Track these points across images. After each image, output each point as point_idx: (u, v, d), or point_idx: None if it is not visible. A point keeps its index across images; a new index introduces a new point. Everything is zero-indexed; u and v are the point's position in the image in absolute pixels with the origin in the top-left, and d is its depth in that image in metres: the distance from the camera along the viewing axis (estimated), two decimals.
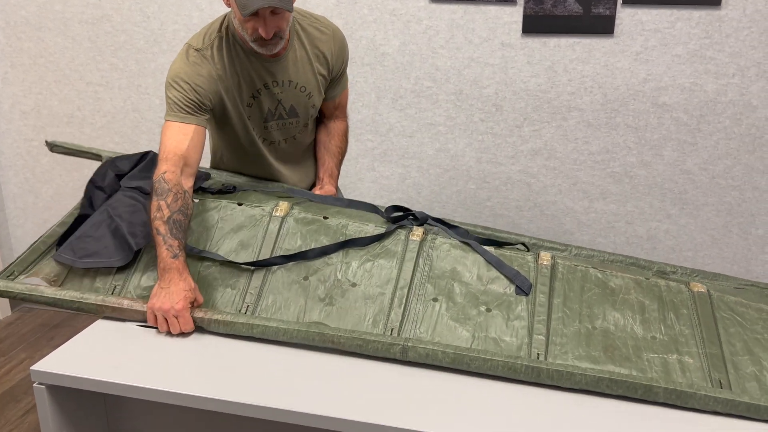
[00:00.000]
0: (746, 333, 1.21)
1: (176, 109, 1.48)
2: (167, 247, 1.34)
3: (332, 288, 1.36)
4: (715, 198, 2.34)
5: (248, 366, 1.23)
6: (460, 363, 1.18)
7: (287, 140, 1.72)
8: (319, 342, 1.25)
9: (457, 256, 1.38)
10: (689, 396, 1.08)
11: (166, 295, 1.30)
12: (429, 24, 2.32)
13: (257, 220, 1.51)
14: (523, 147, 2.41)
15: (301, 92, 1.65)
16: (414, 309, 1.31)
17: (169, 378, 1.18)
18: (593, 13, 2.20)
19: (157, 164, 1.44)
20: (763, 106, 2.20)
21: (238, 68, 1.55)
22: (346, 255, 1.40)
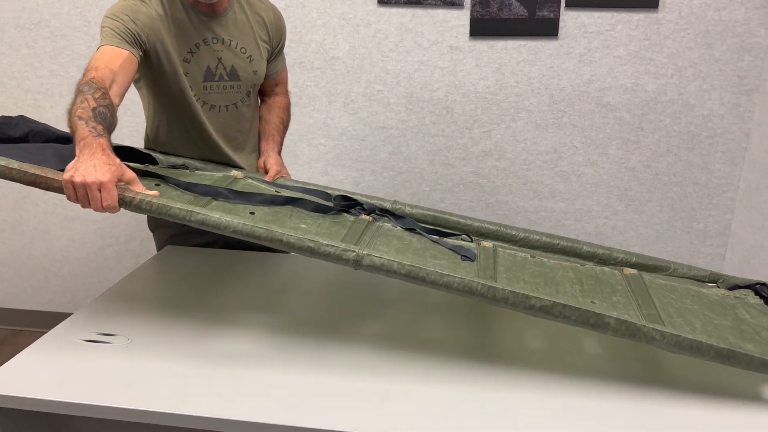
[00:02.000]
0: (678, 303, 1.27)
1: (111, 35, 1.41)
2: (90, 128, 1.21)
3: (279, 221, 1.32)
4: (659, 194, 2.42)
5: (196, 377, 1.20)
6: (416, 276, 1.15)
7: (229, 108, 1.68)
8: (266, 239, 1.18)
9: (403, 236, 1.40)
10: (638, 329, 1.11)
11: (88, 167, 1.15)
12: (378, 27, 2.33)
13: (215, 179, 1.49)
14: (474, 148, 2.44)
15: (242, 53, 1.63)
16: (366, 243, 1.31)
17: (118, 394, 1.14)
18: (538, 16, 2.25)
19: (83, 75, 1.35)
20: (700, 104, 2.29)
21: (177, 19, 1.53)
22: (295, 210, 1.39)
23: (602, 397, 1.16)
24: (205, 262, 1.71)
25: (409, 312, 1.46)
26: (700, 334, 1.15)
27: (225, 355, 1.28)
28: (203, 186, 1.39)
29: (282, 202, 1.40)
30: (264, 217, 1.31)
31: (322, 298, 1.53)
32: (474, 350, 1.31)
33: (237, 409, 1.11)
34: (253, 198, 1.38)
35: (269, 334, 1.36)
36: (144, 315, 1.43)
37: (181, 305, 1.48)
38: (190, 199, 1.33)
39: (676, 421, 1.09)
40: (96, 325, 1.38)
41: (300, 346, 1.32)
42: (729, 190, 2.38)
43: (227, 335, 1.35)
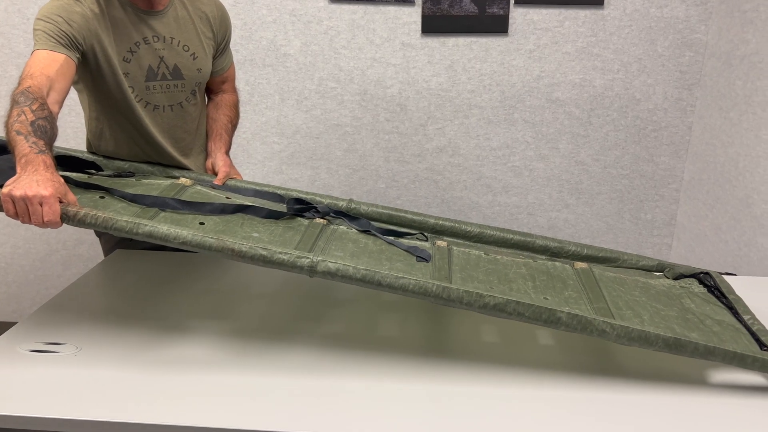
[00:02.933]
0: (627, 295, 1.32)
1: (45, 38, 1.36)
2: (30, 144, 1.18)
3: (230, 231, 1.29)
4: (608, 186, 2.49)
5: (149, 385, 1.17)
6: (371, 281, 1.15)
7: (173, 107, 1.63)
8: (217, 249, 1.16)
9: (358, 238, 1.40)
10: (589, 322, 1.14)
11: (30, 182, 1.12)
12: (330, 24, 2.32)
13: (162, 188, 1.45)
14: (428, 145, 2.46)
15: (184, 51, 1.59)
16: (320, 249, 1.29)
17: (67, 405, 1.11)
18: (488, 13, 2.27)
19: (19, 83, 1.30)
20: (646, 99, 2.36)
21: (115, 18, 1.48)
22: (246, 218, 1.36)
23: (556, 386, 1.18)
24: (155, 265, 1.67)
25: (364, 311, 1.46)
26: (648, 325, 1.18)
27: (178, 362, 1.25)
28: (150, 197, 1.35)
29: (232, 211, 1.37)
30: (214, 227, 1.28)
31: (275, 301, 1.51)
32: (430, 346, 1.32)
33: (190, 416, 1.09)
34: (202, 207, 1.35)
35: (222, 339, 1.34)
36: (93, 323, 1.38)
37: (131, 311, 1.44)
38: (136, 212, 1.29)
39: (626, 407, 1.12)
40: (42, 334, 1.33)
41: (254, 349, 1.30)
42: (674, 181, 2.46)
43: (180, 341, 1.32)
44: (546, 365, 1.26)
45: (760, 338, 1.23)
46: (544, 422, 1.08)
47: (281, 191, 1.60)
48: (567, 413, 1.11)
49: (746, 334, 1.24)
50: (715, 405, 1.13)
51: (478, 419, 1.09)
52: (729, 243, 2.09)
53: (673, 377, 1.22)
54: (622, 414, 1.10)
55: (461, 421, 1.09)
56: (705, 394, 1.17)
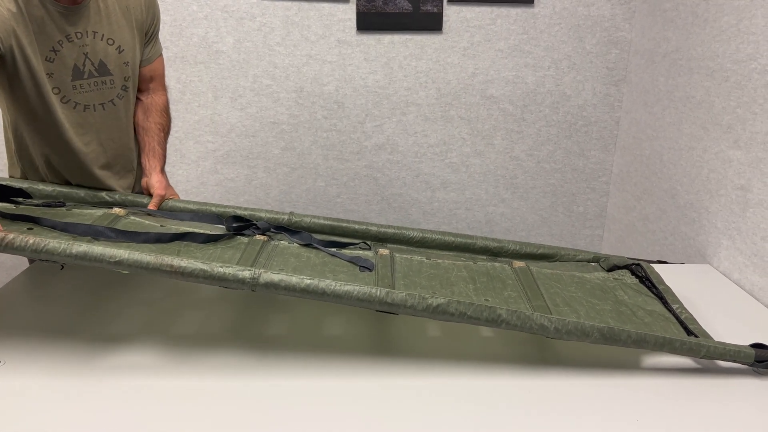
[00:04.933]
0: (564, 292, 1.36)
1: None
2: None
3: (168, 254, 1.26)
4: (542, 181, 2.56)
5: (78, 396, 1.12)
6: (315, 291, 1.15)
7: (105, 105, 1.55)
8: (154, 266, 1.13)
9: (300, 252, 1.38)
10: (528, 317, 1.17)
11: None
12: (263, 21, 2.27)
13: (95, 218, 1.39)
14: (367, 143, 2.46)
15: (109, 45, 1.51)
16: (262, 264, 1.28)
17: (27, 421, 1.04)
18: (422, 11, 2.29)
19: None
20: (576, 95, 2.44)
21: (35, 16, 1.39)
22: (183, 245, 1.33)
23: (497, 376, 1.21)
24: (86, 273, 1.60)
25: (306, 314, 1.45)
26: (584, 319, 1.22)
27: (115, 369, 1.20)
28: (82, 225, 1.28)
29: (169, 239, 1.31)
30: (150, 251, 1.24)
31: (213, 309, 1.47)
32: (375, 344, 1.32)
33: (129, 425, 1.04)
34: (137, 237, 1.29)
35: (164, 345, 1.29)
36: (18, 334, 1.31)
37: (58, 321, 1.37)
38: (68, 239, 1.23)
39: (565, 393, 1.15)
40: None
41: (199, 354, 1.26)
42: (604, 174, 2.56)
43: (115, 349, 1.27)
44: (489, 358, 1.28)
45: (688, 326, 1.29)
46: (487, 410, 1.10)
47: (219, 210, 1.55)
48: (512, 402, 1.13)
49: (675, 323, 1.31)
50: (650, 386, 1.18)
51: (425, 411, 1.10)
52: (656, 233, 2.19)
53: (609, 364, 1.26)
54: (563, 400, 1.14)
55: (410, 414, 1.09)
56: (639, 377, 1.22)
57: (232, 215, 1.51)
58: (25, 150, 1.57)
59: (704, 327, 1.38)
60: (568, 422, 1.08)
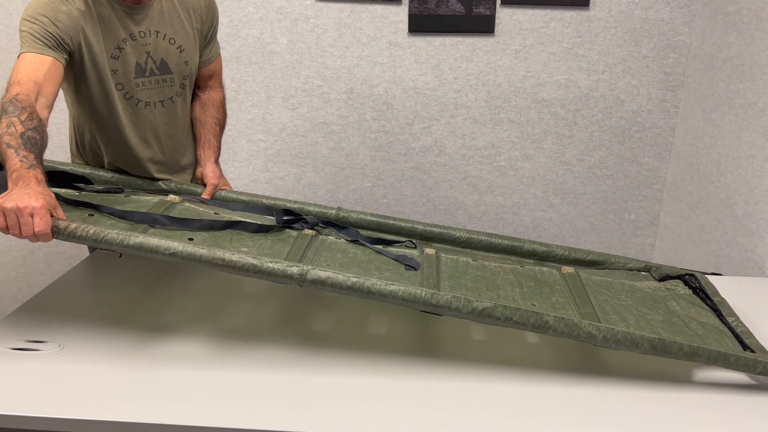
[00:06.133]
0: (613, 300, 1.33)
1: (32, 41, 1.34)
2: (21, 159, 1.18)
3: (219, 245, 1.29)
4: (592, 187, 2.51)
5: (133, 382, 1.16)
6: (361, 288, 1.16)
7: (164, 103, 1.61)
8: (207, 259, 1.16)
9: (347, 248, 1.40)
10: (575, 325, 1.15)
11: (21, 195, 1.12)
12: (316, 23, 2.31)
13: (151, 205, 1.44)
14: (414, 144, 2.46)
15: (170, 44, 1.56)
16: (310, 260, 1.29)
17: (49, 403, 1.09)
18: (474, 13, 2.28)
19: (7, 90, 1.29)
20: (630, 100, 2.39)
21: (102, 15, 1.45)
22: (235, 234, 1.36)
23: (542, 384, 1.19)
24: (141, 264, 1.65)
25: (352, 312, 1.46)
26: (634, 329, 1.19)
27: (162, 359, 1.24)
28: (139, 214, 1.33)
29: (221, 227, 1.36)
30: (203, 242, 1.28)
31: (263, 302, 1.50)
32: (419, 345, 1.33)
33: (179, 415, 1.08)
34: (191, 224, 1.34)
35: (213, 337, 1.33)
36: (77, 320, 1.37)
37: (114, 310, 1.42)
38: (126, 228, 1.28)
39: (612, 404, 1.13)
40: (24, 332, 1.31)
41: (241, 347, 1.29)
42: (657, 182, 2.49)
43: (164, 339, 1.31)
44: (533, 364, 1.26)
45: (744, 340, 1.25)
46: (532, 418, 1.09)
47: (269, 202, 1.59)
48: (554, 410, 1.11)
49: (730, 336, 1.26)
50: (701, 402, 1.15)
51: (466, 415, 1.09)
52: (711, 243, 2.12)
53: (659, 376, 1.23)
54: (608, 411, 1.11)
55: (450, 418, 1.09)
56: (690, 391, 1.18)
57: (282, 208, 1.54)
58: (86, 145, 1.64)
59: (762, 342, 1.33)
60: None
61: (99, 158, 1.65)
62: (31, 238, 1.14)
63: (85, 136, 1.62)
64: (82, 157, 1.67)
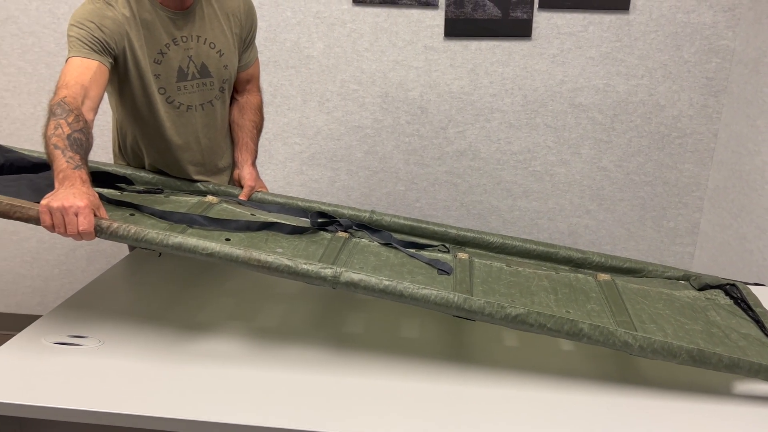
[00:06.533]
0: (650, 308, 1.30)
1: (79, 45, 1.40)
2: (67, 159, 1.23)
3: (254, 246, 1.32)
4: (630, 193, 2.46)
5: (170, 378, 1.19)
6: (393, 292, 1.16)
7: (204, 106, 1.65)
8: (243, 260, 1.19)
9: (380, 251, 1.41)
10: (611, 333, 1.13)
11: (67, 195, 1.16)
12: (353, 27, 2.32)
13: (190, 205, 1.48)
14: (448, 148, 2.46)
15: (211, 48, 1.60)
16: (343, 262, 1.31)
17: (89, 397, 1.12)
18: (511, 17, 2.27)
19: (55, 92, 1.35)
20: (670, 105, 2.34)
21: (146, 20, 1.50)
22: (270, 234, 1.39)
23: (576, 391, 1.17)
24: (179, 263, 1.69)
25: (384, 315, 1.47)
26: (671, 339, 1.17)
27: (198, 357, 1.26)
28: (178, 214, 1.38)
29: (257, 228, 1.39)
30: (239, 242, 1.31)
31: (296, 302, 1.52)
32: (451, 349, 1.32)
33: (213, 412, 1.10)
34: (228, 224, 1.37)
35: (247, 336, 1.35)
36: (116, 317, 1.41)
37: (153, 307, 1.46)
38: (165, 227, 1.32)
39: (648, 414, 1.11)
40: (66, 327, 1.35)
41: (279, 347, 1.31)
42: (698, 189, 2.43)
43: (203, 337, 1.34)
44: (567, 372, 1.25)
45: None
46: (564, 426, 1.07)
47: (304, 204, 1.61)
48: (588, 419, 1.10)
49: None
50: (740, 415, 1.12)
51: (497, 422, 1.09)
52: (754, 253, 2.06)
53: (697, 388, 1.20)
54: (645, 422, 1.09)
55: (481, 423, 1.08)
56: (730, 404, 1.15)
57: (317, 210, 1.56)
58: (128, 146, 1.68)
59: None
60: None
61: (140, 159, 1.69)
62: (75, 237, 1.18)
63: (128, 138, 1.66)
64: (124, 158, 1.72)
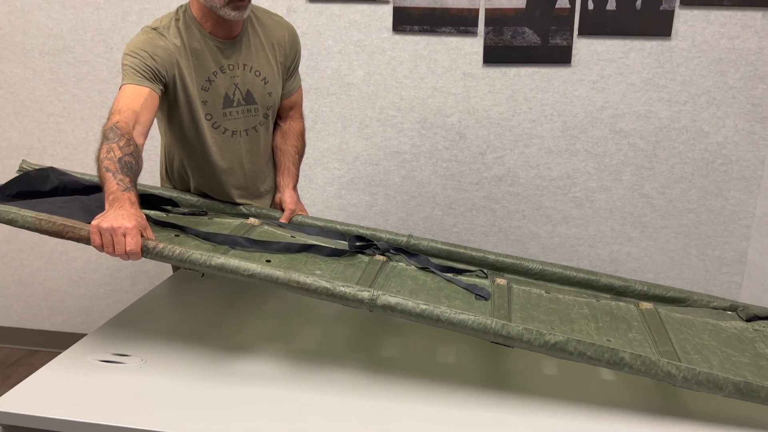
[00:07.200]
0: (695, 339, 1.26)
1: (132, 73, 1.48)
2: (117, 182, 1.29)
3: (294, 268, 1.34)
4: (673, 221, 2.41)
5: (211, 397, 1.21)
6: (430, 316, 1.16)
7: (248, 132, 1.70)
8: (283, 281, 1.21)
9: (417, 275, 1.41)
10: (653, 364, 1.10)
11: (116, 216, 1.21)
12: (393, 55, 2.36)
13: (232, 227, 1.52)
14: (486, 174, 2.45)
15: (256, 76, 1.65)
16: (380, 285, 1.32)
17: (132, 414, 1.15)
18: (551, 44, 2.27)
19: (108, 118, 1.42)
20: (714, 131, 2.29)
21: (195, 49, 1.56)
22: (310, 257, 1.41)
23: (617, 423, 1.15)
24: (220, 284, 1.73)
25: (421, 339, 1.46)
26: (717, 371, 1.13)
27: (239, 376, 1.28)
28: (221, 236, 1.42)
29: (297, 250, 1.43)
30: (280, 264, 1.34)
31: (335, 324, 1.53)
32: (488, 376, 1.31)
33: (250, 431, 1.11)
34: (269, 246, 1.41)
35: (285, 358, 1.36)
36: (158, 336, 1.44)
37: (196, 326, 1.49)
38: (208, 248, 1.36)
39: None
40: (110, 345, 1.39)
41: (316, 369, 1.32)
42: (745, 217, 2.36)
43: (242, 357, 1.36)
44: (608, 402, 1.22)
45: None
46: None
47: (343, 227, 1.64)
48: None
49: None
50: None
51: None
52: None
53: (744, 422, 1.16)
54: None
55: None
56: None
57: (355, 234, 1.58)
58: (175, 170, 1.74)
59: None
60: None
61: (186, 183, 1.74)
62: (123, 257, 1.22)
63: (175, 162, 1.72)
64: (170, 181, 1.78)
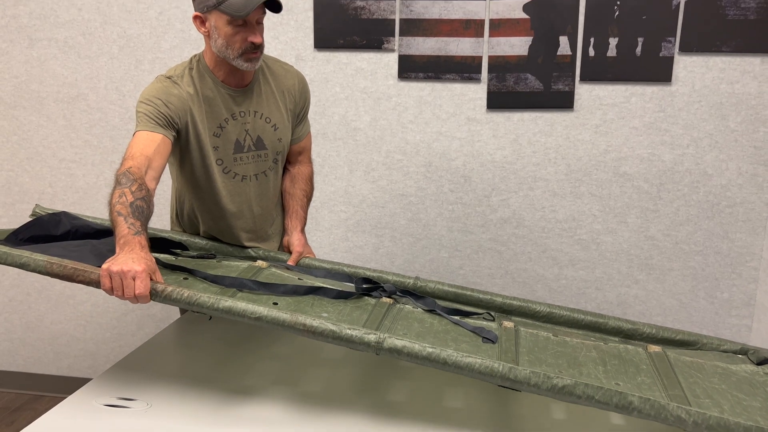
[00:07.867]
0: (705, 383, 1.24)
1: (146, 120, 1.51)
2: (129, 225, 1.30)
3: (301, 310, 1.34)
4: (680, 263, 2.41)
5: None
6: (437, 359, 1.15)
7: (258, 176, 1.73)
8: (290, 324, 1.21)
9: (424, 318, 1.41)
10: (663, 407, 1.08)
11: (126, 259, 1.23)
12: (398, 101, 2.42)
13: (240, 270, 1.53)
14: (492, 216, 2.47)
15: (266, 123, 1.69)
16: (387, 328, 1.31)
17: None
18: (553, 89, 2.32)
19: (122, 163, 1.45)
20: (718, 174, 2.31)
21: (207, 97, 1.60)
22: (316, 299, 1.42)
23: None
24: (228, 326, 1.73)
25: (428, 382, 1.45)
26: (728, 415, 1.12)
27: (244, 420, 1.27)
28: (229, 278, 1.44)
29: (304, 292, 1.44)
30: (287, 306, 1.35)
31: (340, 368, 1.52)
32: (496, 420, 1.29)
33: None
34: (276, 288, 1.42)
35: (291, 401, 1.35)
36: (164, 380, 1.43)
37: (202, 370, 1.48)
38: (216, 291, 1.38)
39: None
40: (116, 389, 1.39)
41: (322, 412, 1.31)
42: (752, 259, 2.36)
43: (248, 401, 1.35)
44: None
45: None
46: None
47: (350, 270, 1.65)
48: None
49: None
50: None
51: None
52: None
53: None
54: None
55: None
56: None
57: (362, 276, 1.59)
58: (185, 214, 1.77)
59: None
60: None
61: (195, 226, 1.77)
62: (132, 300, 1.23)
63: (185, 205, 1.75)
64: (180, 224, 1.80)
